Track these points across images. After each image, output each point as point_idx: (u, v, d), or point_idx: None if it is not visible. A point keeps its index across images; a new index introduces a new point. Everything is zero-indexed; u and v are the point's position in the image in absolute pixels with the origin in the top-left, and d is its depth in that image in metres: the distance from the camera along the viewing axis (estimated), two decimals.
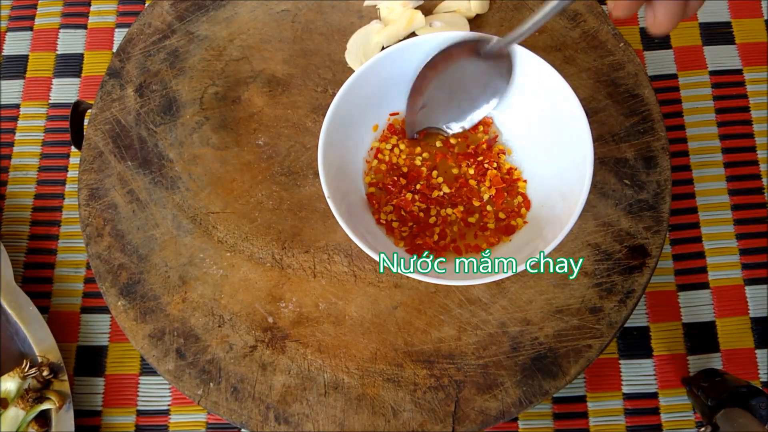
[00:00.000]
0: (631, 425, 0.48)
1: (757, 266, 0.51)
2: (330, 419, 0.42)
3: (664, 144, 0.47)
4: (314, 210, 0.47)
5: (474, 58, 0.42)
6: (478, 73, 0.43)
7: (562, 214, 0.40)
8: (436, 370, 0.42)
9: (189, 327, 0.44)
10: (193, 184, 0.47)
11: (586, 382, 0.49)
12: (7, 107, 0.58)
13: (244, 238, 0.46)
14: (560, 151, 0.42)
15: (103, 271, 0.45)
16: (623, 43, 0.49)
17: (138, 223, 0.46)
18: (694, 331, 0.50)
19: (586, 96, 0.48)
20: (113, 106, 0.49)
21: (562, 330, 0.43)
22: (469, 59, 0.42)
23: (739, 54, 0.57)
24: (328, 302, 0.44)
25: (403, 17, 0.49)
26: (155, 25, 0.51)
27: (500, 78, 0.43)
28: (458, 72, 0.43)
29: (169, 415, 0.49)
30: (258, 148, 0.48)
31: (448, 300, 0.44)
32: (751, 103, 0.56)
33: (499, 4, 0.51)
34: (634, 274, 0.44)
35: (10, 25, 0.60)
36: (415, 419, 0.42)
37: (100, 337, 0.51)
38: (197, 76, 0.50)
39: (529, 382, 0.42)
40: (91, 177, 0.48)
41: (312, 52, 0.50)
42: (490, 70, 0.43)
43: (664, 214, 0.45)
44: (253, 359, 0.43)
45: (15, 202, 0.55)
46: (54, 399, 0.46)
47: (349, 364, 0.43)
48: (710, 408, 0.43)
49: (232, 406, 0.42)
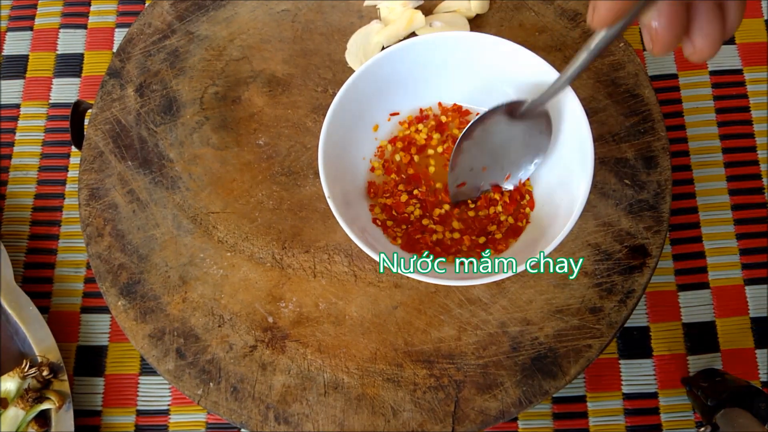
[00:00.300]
0: (630, 425, 0.48)
1: (757, 266, 0.51)
2: (330, 419, 0.42)
3: (664, 144, 0.47)
4: (314, 210, 0.47)
5: (510, 120, 0.41)
6: (515, 134, 0.42)
7: (562, 215, 0.40)
8: (436, 370, 0.42)
9: (189, 327, 0.44)
10: (194, 184, 0.47)
11: (586, 382, 0.49)
12: (7, 107, 0.58)
13: (244, 238, 0.46)
14: (560, 151, 0.42)
15: (103, 271, 0.45)
16: (623, 43, 0.49)
17: (138, 223, 0.46)
18: (694, 331, 0.50)
19: (586, 96, 0.48)
20: (113, 106, 0.49)
21: (562, 330, 0.43)
22: (505, 122, 0.41)
23: (739, 54, 0.57)
24: (328, 302, 0.44)
25: (403, 17, 0.49)
26: (155, 25, 0.51)
27: (540, 135, 0.42)
28: (495, 137, 0.42)
29: (169, 415, 0.49)
30: (258, 148, 0.48)
31: (448, 300, 0.44)
32: (751, 103, 0.55)
33: (499, 4, 0.51)
34: (634, 274, 0.44)
35: (10, 25, 0.60)
36: (415, 419, 0.42)
37: (100, 337, 0.51)
38: (197, 76, 0.50)
39: (529, 382, 0.42)
40: (91, 177, 0.48)
41: (312, 52, 0.50)
42: (528, 129, 0.41)
43: (664, 214, 0.45)
44: (253, 359, 0.43)
45: (15, 202, 0.55)
46: (54, 399, 0.46)
47: (349, 364, 0.43)
48: (710, 408, 0.43)
49: (232, 406, 0.42)
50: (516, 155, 0.43)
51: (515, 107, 0.40)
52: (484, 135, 0.42)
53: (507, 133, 0.42)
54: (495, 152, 0.43)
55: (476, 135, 0.42)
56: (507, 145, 0.43)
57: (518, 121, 0.41)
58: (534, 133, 0.42)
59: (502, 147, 0.43)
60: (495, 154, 0.43)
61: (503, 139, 0.42)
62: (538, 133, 0.42)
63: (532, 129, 0.41)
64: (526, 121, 0.41)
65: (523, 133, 0.42)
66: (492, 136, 0.42)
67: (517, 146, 0.43)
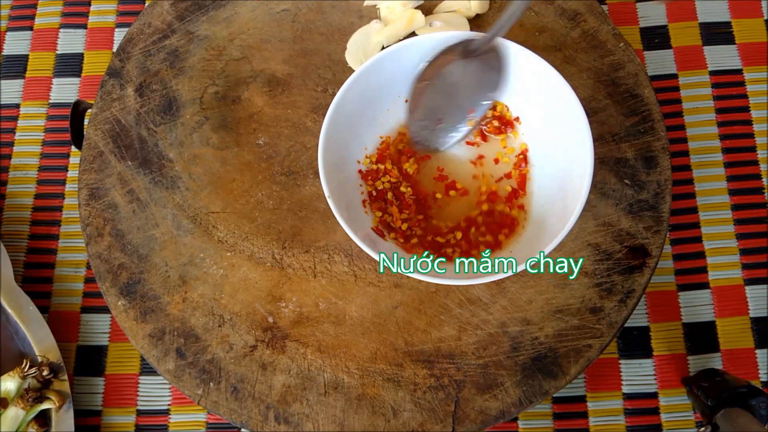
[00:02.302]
0: (631, 425, 0.48)
1: (757, 266, 0.51)
2: (330, 419, 0.42)
3: (664, 144, 0.47)
4: (314, 210, 0.47)
5: (463, 60, 0.42)
6: (470, 72, 0.43)
7: (562, 214, 0.40)
8: (436, 370, 0.42)
9: (189, 327, 0.44)
10: (193, 184, 0.47)
11: (586, 382, 0.49)
12: (7, 107, 0.58)
13: (244, 237, 0.46)
14: (560, 151, 0.42)
15: (103, 271, 0.45)
16: (623, 43, 0.49)
17: (138, 222, 0.46)
18: (694, 331, 0.50)
19: (586, 96, 0.48)
20: (113, 106, 0.49)
21: (562, 330, 0.43)
22: (459, 62, 0.42)
23: (739, 54, 0.57)
24: (328, 302, 0.44)
25: (403, 17, 0.49)
26: (155, 24, 0.51)
27: (492, 71, 0.43)
28: (451, 77, 0.43)
29: (169, 415, 0.49)
30: (258, 148, 0.48)
31: (448, 300, 0.44)
32: (751, 103, 0.56)
33: (499, 4, 0.51)
34: (635, 274, 0.44)
35: (10, 24, 0.60)
36: (415, 419, 0.42)
37: (100, 337, 0.51)
38: (197, 75, 0.50)
39: (529, 382, 0.42)
40: (91, 177, 0.48)
41: (312, 52, 0.50)
42: (481, 67, 0.42)
43: (664, 214, 0.45)
44: (253, 359, 0.43)
45: (15, 202, 0.55)
46: (54, 399, 0.46)
47: (349, 364, 0.43)
48: (710, 408, 0.43)
49: (232, 405, 0.42)
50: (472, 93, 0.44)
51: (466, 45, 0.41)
52: (438, 75, 0.43)
53: (460, 71, 0.43)
54: (451, 91, 0.44)
55: (431, 76, 0.43)
56: (463, 84, 0.43)
57: (471, 61, 0.42)
58: (486, 69, 0.42)
59: (458, 85, 0.43)
60: (451, 94, 0.44)
61: (457, 78, 0.43)
62: (490, 70, 0.42)
63: (483, 66, 0.42)
64: (478, 60, 0.42)
65: (477, 71, 0.42)
66: (447, 76, 0.43)
67: (472, 83, 0.43)
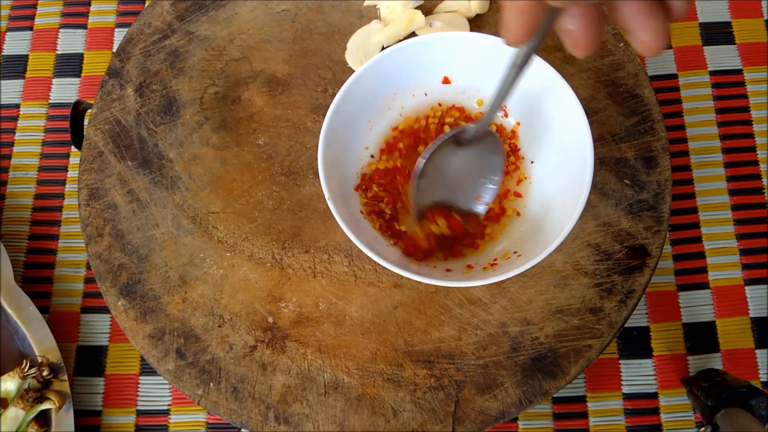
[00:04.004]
0: (631, 425, 0.48)
1: (757, 266, 0.51)
2: (330, 419, 0.42)
3: (664, 144, 0.47)
4: (314, 210, 0.47)
5: (460, 150, 0.41)
6: (469, 160, 0.42)
7: (562, 214, 0.40)
8: (436, 370, 0.42)
9: (189, 327, 0.44)
10: (193, 184, 0.47)
11: (586, 382, 0.49)
12: (7, 107, 0.58)
13: (244, 238, 0.46)
14: (560, 151, 0.42)
15: (103, 271, 0.45)
16: (623, 43, 0.49)
17: (138, 223, 0.46)
18: (694, 331, 0.50)
19: (586, 96, 0.48)
20: (113, 106, 0.49)
21: (562, 330, 0.43)
22: (456, 152, 0.41)
23: (739, 54, 0.57)
24: (328, 302, 0.44)
25: (403, 17, 0.49)
26: (155, 24, 0.51)
27: (491, 154, 0.42)
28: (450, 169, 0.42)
29: (169, 415, 0.49)
30: (258, 148, 0.48)
31: (448, 300, 0.44)
32: (751, 103, 0.56)
33: (500, 4, 0.51)
34: (635, 274, 0.44)
35: (10, 25, 0.60)
36: (415, 419, 0.42)
37: (100, 337, 0.51)
38: (197, 76, 0.50)
39: (529, 382, 0.42)
40: (91, 177, 0.48)
41: (312, 52, 0.50)
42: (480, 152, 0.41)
43: (664, 214, 0.45)
44: (253, 359, 0.43)
45: (15, 202, 0.55)
46: (54, 399, 0.46)
47: (349, 364, 0.43)
48: (710, 408, 0.43)
49: (232, 406, 0.42)
50: (474, 180, 0.43)
51: (460, 136, 0.40)
52: (437, 170, 0.42)
53: (459, 162, 0.42)
54: (453, 184, 0.43)
55: (429, 172, 0.42)
56: (463, 173, 0.42)
57: (467, 147, 0.41)
58: (485, 154, 0.41)
59: (458, 176, 0.42)
60: (453, 186, 0.43)
61: (456, 168, 0.42)
62: (489, 153, 0.41)
63: (483, 150, 0.41)
64: (474, 145, 0.41)
65: (476, 158, 0.42)
66: (445, 169, 0.42)
67: (473, 171, 0.42)
